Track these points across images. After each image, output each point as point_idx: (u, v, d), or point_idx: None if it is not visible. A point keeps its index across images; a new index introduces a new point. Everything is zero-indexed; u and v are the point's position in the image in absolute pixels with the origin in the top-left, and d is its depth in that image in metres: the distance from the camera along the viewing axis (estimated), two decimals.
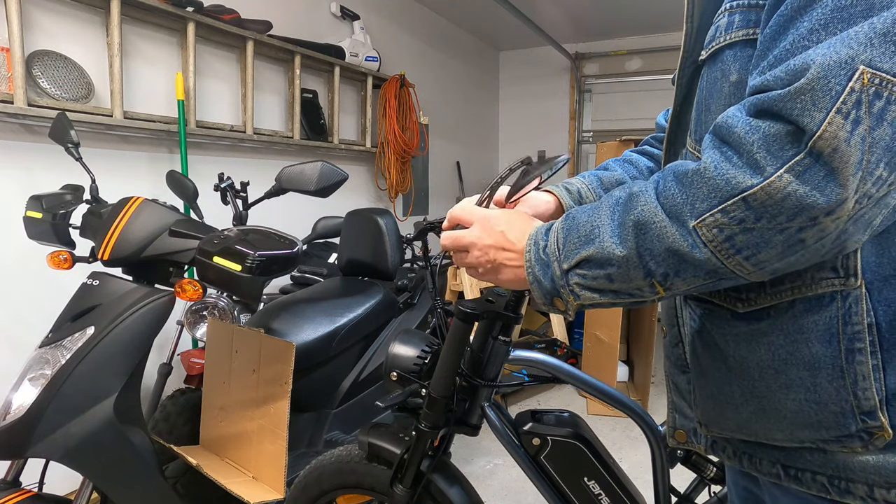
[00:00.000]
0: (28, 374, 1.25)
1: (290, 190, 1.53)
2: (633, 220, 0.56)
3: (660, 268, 0.55)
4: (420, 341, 1.11)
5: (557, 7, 4.51)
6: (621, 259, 0.56)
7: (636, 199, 0.57)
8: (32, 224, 1.52)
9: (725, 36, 0.61)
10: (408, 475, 1.08)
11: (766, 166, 0.48)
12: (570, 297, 0.62)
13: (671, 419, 0.78)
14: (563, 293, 0.62)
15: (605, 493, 1.05)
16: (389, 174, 3.81)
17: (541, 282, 0.64)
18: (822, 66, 0.46)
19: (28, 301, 2.07)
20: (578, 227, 0.61)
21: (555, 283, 0.62)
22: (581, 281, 0.60)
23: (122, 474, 1.31)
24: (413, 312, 2.19)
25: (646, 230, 0.55)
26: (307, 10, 3.36)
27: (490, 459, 2.61)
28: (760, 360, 0.60)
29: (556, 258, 0.62)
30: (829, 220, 0.47)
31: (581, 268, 0.60)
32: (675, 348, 0.76)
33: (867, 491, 0.56)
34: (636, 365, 3.56)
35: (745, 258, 0.51)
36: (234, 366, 1.59)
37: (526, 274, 0.65)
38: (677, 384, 0.77)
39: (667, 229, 0.53)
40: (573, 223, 0.62)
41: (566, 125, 5.71)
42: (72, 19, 2.18)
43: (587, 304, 0.61)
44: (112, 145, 2.32)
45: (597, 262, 0.58)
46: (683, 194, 0.53)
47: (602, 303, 0.61)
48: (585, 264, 0.59)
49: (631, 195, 0.58)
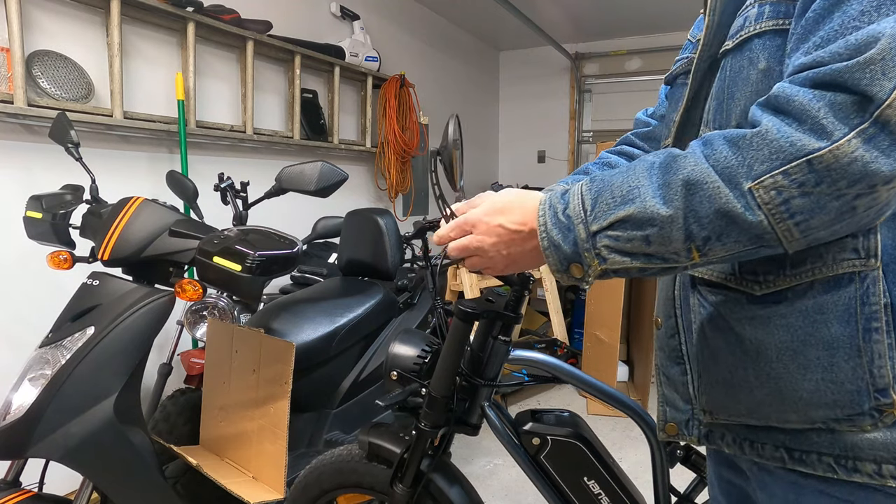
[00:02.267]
0: (28, 374, 1.26)
1: (290, 190, 1.53)
2: (682, 179, 0.54)
3: (703, 231, 0.53)
4: (420, 341, 1.11)
5: (557, 7, 4.51)
6: (665, 219, 0.54)
7: (681, 160, 0.55)
8: (32, 224, 1.52)
9: (755, 25, 0.62)
10: (408, 475, 1.08)
11: (834, 131, 0.48)
12: (595, 261, 0.59)
13: (661, 413, 0.78)
14: (587, 257, 0.59)
15: (604, 492, 1.05)
16: (389, 174, 3.81)
17: (559, 246, 0.60)
18: (893, 37, 0.47)
19: (28, 301, 2.07)
20: (612, 188, 0.58)
21: (577, 247, 0.59)
22: (612, 243, 0.57)
23: (122, 474, 1.31)
24: (413, 312, 2.19)
25: (696, 190, 0.53)
26: (307, 10, 3.36)
27: (490, 459, 2.61)
28: (778, 342, 0.61)
29: (582, 220, 0.59)
30: (886, 188, 0.49)
31: (615, 229, 0.57)
32: (671, 339, 0.76)
33: (875, 469, 0.57)
34: (636, 365, 3.56)
35: (797, 224, 0.51)
36: (234, 366, 1.59)
37: (540, 240, 0.62)
38: (670, 376, 0.76)
39: (720, 190, 0.52)
40: (603, 184, 0.59)
41: (566, 125, 5.71)
42: (72, 19, 2.18)
43: (613, 268, 0.59)
44: (112, 145, 2.32)
45: (636, 223, 0.56)
46: (739, 156, 0.52)
47: (629, 268, 0.58)
48: (621, 225, 0.56)
49: (672, 157, 0.56)
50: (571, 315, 4.20)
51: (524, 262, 0.68)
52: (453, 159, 0.78)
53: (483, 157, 5.76)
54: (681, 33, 5.06)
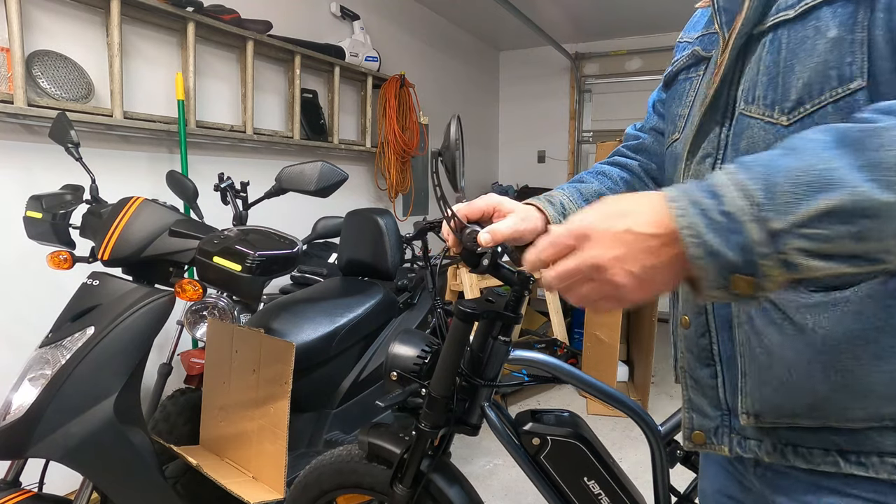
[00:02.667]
0: (28, 374, 1.26)
1: (290, 190, 1.53)
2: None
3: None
4: (420, 341, 1.11)
5: (557, 7, 4.51)
6: (886, 209, 0.42)
7: (880, 135, 0.44)
8: (32, 224, 1.52)
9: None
10: (408, 475, 1.08)
11: None
12: (778, 269, 0.45)
13: (687, 420, 0.71)
14: (764, 266, 0.45)
15: (604, 492, 1.05)
16: (389, 174, 3.81)
17: (719, 254, 0.46)
18: None
19: (28, 301, 2.07)
20: (791, 173, 0.45)
21: (751, 253, 0.45)
22: (809, 245, 0.44)
23: (122, 474, 1.31)
24: (413, 312, 2.20)
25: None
26: (307, 10, 3.36)
27: (490, 459, 2.61)
28: (848, 331, 0.55)
29: (755, 216, 0.45)
30: None
31: (813, 225, 0.44)
32: (701, 339, 0.69)
33: None
34: (636, 365, 3.56)
35: None
36: (234, 366, 1.59)
37: (688, 248, 0.47)
38: (697, 379, 0.70)
39: None
40: (772, 171, 0.46)
41: (566, 125, 5.71)
42: (72, 19, 2.18)
43: (804, 276, 0.46)
44: (112, 145, 2.32)
45: (845, 216, 0.43)
46: None
47: (827, 273, 0.45)
48: (823, 220, 0.44)
49: (860, 133, 0.45)
50: (571, 315, 4.20)
51: (659, 282, 0.50)
52: (455, 160, 0.78)
53: (483, 157, 5.76)
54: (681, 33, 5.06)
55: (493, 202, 0.82)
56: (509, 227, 0.77)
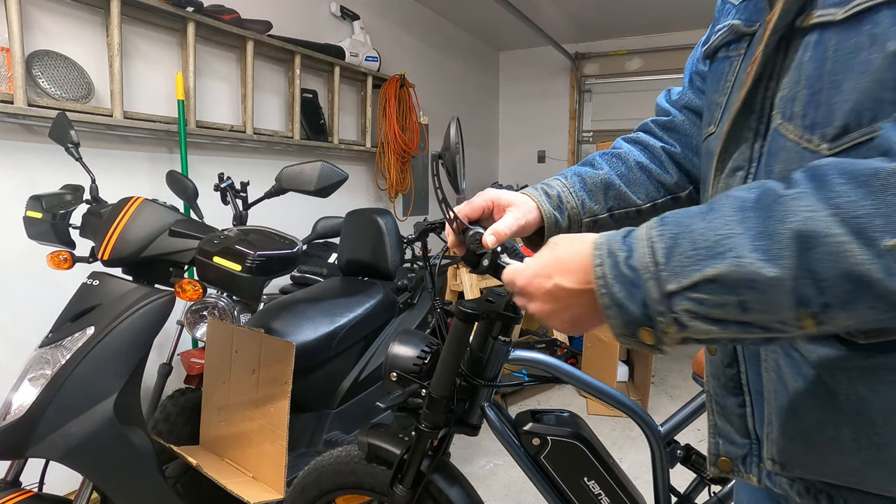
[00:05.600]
0: (28, 374, 1.26)
1: (290, 190, 1.53)
2: (794, 230, 0.42)
3: (822, 297, 0.41)
4: (420, 341, 1.11)
5: (557, 7, 4.51)
6: (769, 282, 0.42)
7: (791, 203, 0.43)
8: (32, 224, 1.52)
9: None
10: (408, 475, 1.08)
11: None
12: (672, 327, 0.47)
13: (713, 445, 0.66)
14: (661, 322, 0.47)
15: (604, 493, 1.05)
16: (389, 174, 3.81)
17: (623, 306, 0.48)
18: None
19: (28, 301, 2.07)
20: (694, 235, 0.46)
21: (648, 309, 0.47)
22: (696, 308, 0.45)
23: (122, 474, 1.31)
24: (413, 312, 2.19)
25: (813, 246, 0.41)
26: (307, 10, 3.36)
27: (490, 459, 2.61)
28: (886, 403, 0.49)
29: (654, 275, 0.47)
30: None
31: (699, 290, 0.45)
32: (728, 368, 0.64)
33: None
34: (636, 365, 3.56)
35: None
36: (234, 366, 1.59)
37: (598, 297, 0.50)
38: (724, 407, 0.65)
39: (846, 247, 0.40)
40: (681, 230, 0.47)
41: (566, 125, 5.71)
42: (72, 19, 2.18)
43: (695, 338, 0.47)
44: (112, 145, 2.32)
45: (728, 284, 0.44)
46: (873, 202, 0.40)
47: (717, 338, 0.46)
48: (708, 286, 0.44)
49: (774, 198, 0.44)
50: None
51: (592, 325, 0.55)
52: (455, 162, 0.78)
53: (483, 157, 5.76)
54: (681, 33, 5.06)
55: (492, 197, 0.80)
56: (511, 227, 0.76)
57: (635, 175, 0.84)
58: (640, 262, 0.48)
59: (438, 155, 0.79)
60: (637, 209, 0.84)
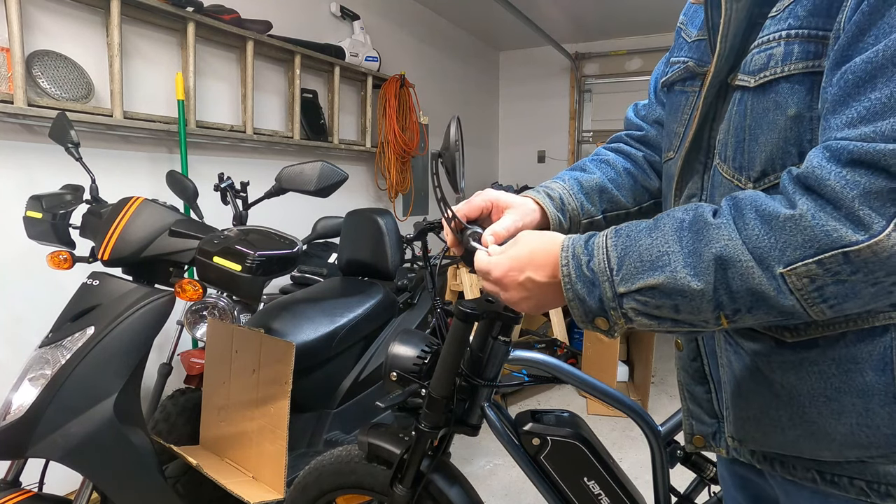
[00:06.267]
0: (28, 374, 1.26)
1: (290, 190, 1.53)
2: (715, 254, 0.53)
3: (733, 304, 0.53)
4: (420, 341, 1.11)
5: (557, 7, 4.51)
6: (695, 293, 0.54)
7: (714, 231, 0.54)
8: (32, 224, 1.52)
9: (783, 67, 0.58)
10: (408, 475, 1.08)
11: (872, 224, 0.46)
12: (621, 320, 0.59)
13: (687, 426, 0.79)
14: (613, 315, 0.59)
15: (604, 493, 1.05)
16: (389, 174, 3.81)
17: (583, 300, 0.60)
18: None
19: (28, 301, 2.07)
20: (640, 250, 0.57)
21: (603, 305, 0.59)
22: (639, 307, 0.57)
23: (122, 474, 1.31)
24: (413, 312, 2.19)
25: (728, 267, 0.52)
26: (307, 10, 3.36)
27: (490, 459, 2.61)
28: (811, 389, 0.61)
29: (608, 278, 0.58)
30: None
31: (642, 294, 0.56)
32: (694, 362, 0.76)
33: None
34: (636, 365, 3.56)
35: (830, 306, 0.50)
36: (234, 366, 1.59)
37: (564, 291, 0.61)
38: (694, 393, 0.77)
39: (752, 270, 0.51)
40: (631, 242, 0.58)
41: (566, 125, 5.71)
42: (72, 19, 2.18)
43: (639, 328, 0.59)
44: (112, 145, 2.32)
45: (665, 291, 0.55)
46: (772, 238, 0.50)
47: (657, 330, 0.59)
48: (650, 291, 0.56)
49: (704, 224, 0.55)
50: None
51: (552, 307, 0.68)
52: (455, 161, 0.78)
53: (483, 157, 5.76)
54: None
55: (491, 197, 0.82)
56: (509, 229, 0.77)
57: (623, 180, 0.91)
58: (598, 266, 0.59)
59: (438, 154, 0.80)
60: (626, 212, 0.91)
